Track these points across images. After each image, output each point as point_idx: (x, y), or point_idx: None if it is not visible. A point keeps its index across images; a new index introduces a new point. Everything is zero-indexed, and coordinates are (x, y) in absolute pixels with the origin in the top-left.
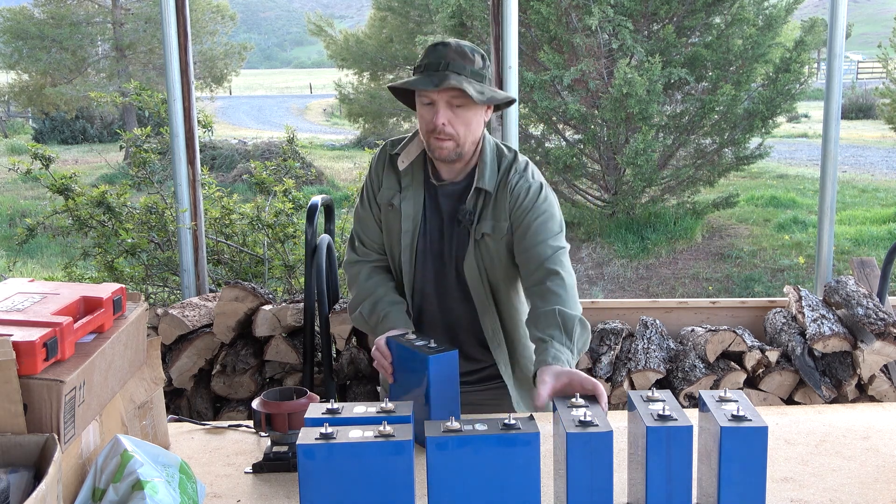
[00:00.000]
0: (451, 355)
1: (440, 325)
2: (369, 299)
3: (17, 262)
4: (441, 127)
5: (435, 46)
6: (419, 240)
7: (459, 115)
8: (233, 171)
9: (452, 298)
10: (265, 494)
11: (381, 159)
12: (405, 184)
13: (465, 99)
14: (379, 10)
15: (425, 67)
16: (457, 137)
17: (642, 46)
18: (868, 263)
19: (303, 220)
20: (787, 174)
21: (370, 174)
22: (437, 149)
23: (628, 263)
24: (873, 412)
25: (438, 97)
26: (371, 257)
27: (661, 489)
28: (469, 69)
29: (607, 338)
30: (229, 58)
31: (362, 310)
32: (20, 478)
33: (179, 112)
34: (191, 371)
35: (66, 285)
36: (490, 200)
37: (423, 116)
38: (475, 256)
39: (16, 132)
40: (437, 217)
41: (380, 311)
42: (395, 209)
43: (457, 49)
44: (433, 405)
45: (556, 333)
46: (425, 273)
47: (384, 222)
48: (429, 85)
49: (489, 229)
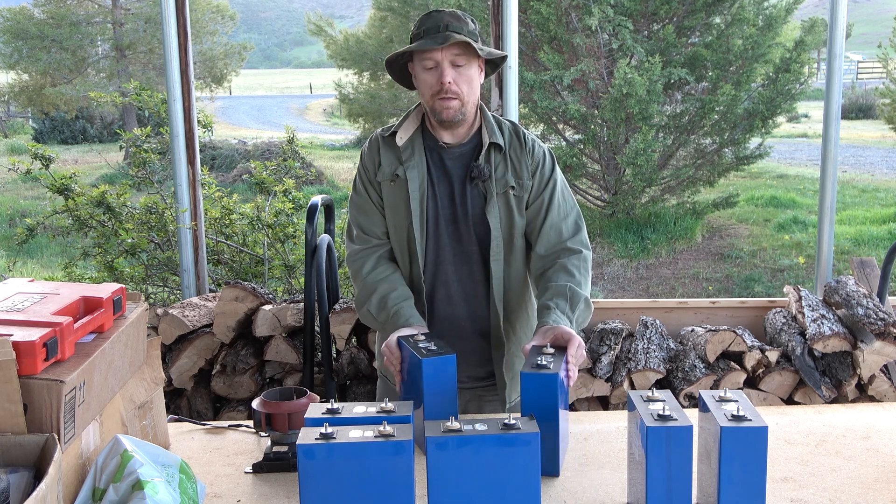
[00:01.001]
0: (447, 359)
1: (455, 293)
2: (376, 295)
3: (17, 262)
4: (448, 86)
5: (430, 14)
6: (429, 205)
7: (462, 73)
8: (233, 171)
9: (468, 262)
10: (265, 494)
11: (372, 145)
12: (406, 157)
13: (467, 57)
14: (379, 10)
15: (424, 32)
16: (462, 96)
17: (642, 46)
18: (868, 263)
19: (303, 220)
20: (787, 174)
21: (363, 162)
22: (443, 109)
23: (628, 263)
24: (873, 412)
25: (442, 56)
26: (371, 243)
27: (661, 489)
28: (465, 29)
29: (607, 338)
30: (229, 58)
31: (370, 307)
32: (20, 478)
33: (179, 112)
34: (191, 371)
35: (66, 285)
36: (503, 157)
37: (426, 81)
38: (499, 209)
39: (16, 132)
40: (447, 181)
41: (390, 308)
42: (401, 179)
43: (451, 13)
44: (427, 408)
45: (560, 303)
46: (438, 239)
47: (387, 200)
48: (434, 44)
49: (514, 183)
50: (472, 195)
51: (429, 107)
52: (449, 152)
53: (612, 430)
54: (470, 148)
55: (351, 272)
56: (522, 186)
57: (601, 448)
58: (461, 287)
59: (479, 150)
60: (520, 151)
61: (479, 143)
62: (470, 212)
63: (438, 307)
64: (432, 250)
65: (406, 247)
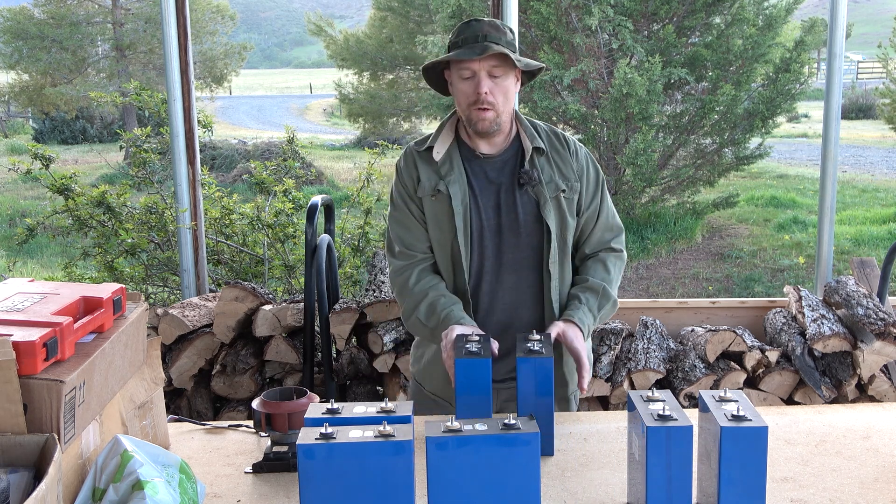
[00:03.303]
0: (481, 363)
1: (499, 303)
2: (424, 302)
3: (17, 262)
4: (484, 96)
5: (468, 23)
6: (472, 217)
7: (499, 84)
8: (233, 171)
9: (517, 270)
10: (265, 494)
11: (408, 161)
12: (445, 171)
13: (504, 68)
14: (379, 10)
15: (463, 42)
16: (497, 107)
17: (642, 46)
18: (868, 263)
19: (303, 220)
20: (787, 174)
21: (400, 178)
22: (479, 120)
23: (628, 263)
24: (873, 412)
25: (480, 66)
26: (416, 258)
27: (661, 489)
28: (504, 40)
29: (607, 338)
30: (229, 58)
31: (418, 314)
32: (20, 478)
33: (179, 112)
34: (191, 371)
35: (66, 285)
36: (547, 160)
37: (463, 91)
38: (556, 212)
39: (16, 132)
40: (492, 191)
41: (440, 312)
42: (443, 194)
43: (490, 23)
44: (459, 408)
45: (590, 298)
46: (483, 251)
47: (430, 215)
48: (472, 54)
49: (564, 186)
50: (522, 202)
51: (465, 115)
52: (490, 162)
53: (612, 430)
54: (511, 155)
55: (396, 287)
56: (572, 188)
57: (601, 448)
58: (506, 295)
59: (520, 156)
60: (563, 153)
61: (519, 150)
62: (521, 218)
63: (482, 316)
64: (476, 262)
65: (450, 259)
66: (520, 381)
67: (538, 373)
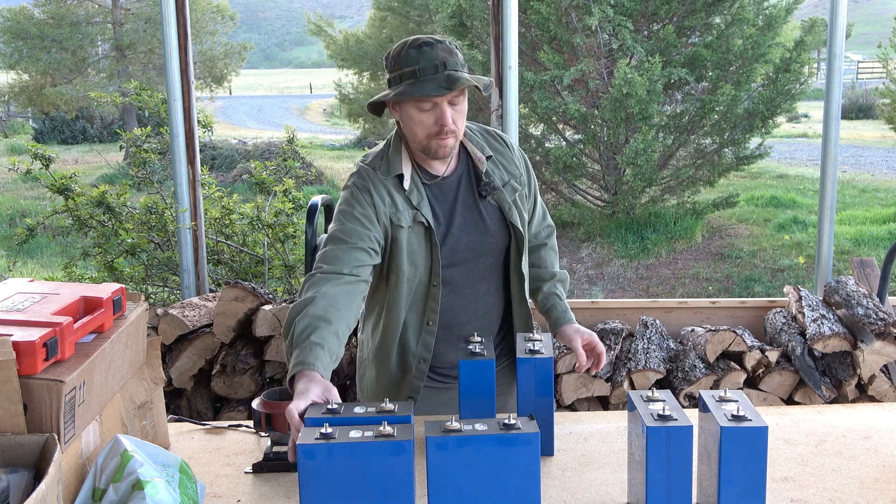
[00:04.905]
0: (485, 364)
1: (473, 314)
2: (306, 318)
3: (17, 262)
4: (448, 126)
5: (420, 48)
6: (448, 243)
7: (458, 110)
8: (233, 171)
9: (485, 279)
10: (265, 494)
11: (377, 185)
12: (417, 200)
13: (462, 94)
14: (379, 10)
15: (421, 72)
16: (457, 132)
17: (642, 46)
18: (868, 263)
19: (303, 220)
20: (787, 174)
21: (367, 199)
22: (441, 148)
23: (628, 263)
24: (873, 412)
25: (442, 99)
26: (341, 274)
27: (661, 489)
28: (459, 64)
29: (607, 338)
30: (229, 58)
31: (295, 327)
32: (20, 478)
33: (179, 112)
34: (191, 371)
35: (66, 285)
36: (493, 163)
37: (422, 122)
38: (518, 213)
39: (16, 132)
40: (456, 211)
41: (305, 340)
42: (420, 225)
43: (444, 48)
44: (462, 408)
45: (563, 292)
46: (458, 270)
47: (403, 245)
48: (439, 91)
49: (517, 185)
50: (487, 212)
51: (421, 145)
52: (447, 183)
53: (612, 430)
54: (464, 170)
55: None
56: (522, 184)
57: (601, 448)
58: (480, 305)
59: (471, 167)
60: (504, 151)
61: (468, 161)
62: (491, 229)
63: (458, 329)
64: (453, 281)
65: (427, 287)
66: (520, 381)
67: (538, 373)
